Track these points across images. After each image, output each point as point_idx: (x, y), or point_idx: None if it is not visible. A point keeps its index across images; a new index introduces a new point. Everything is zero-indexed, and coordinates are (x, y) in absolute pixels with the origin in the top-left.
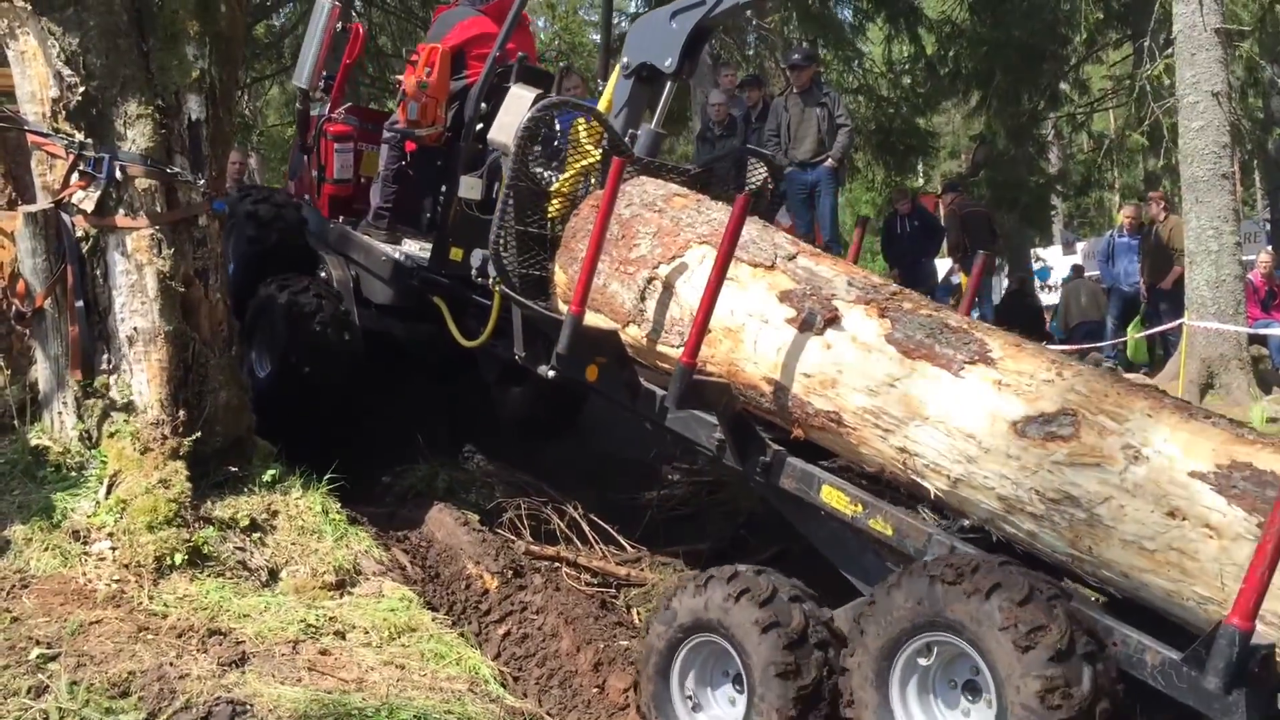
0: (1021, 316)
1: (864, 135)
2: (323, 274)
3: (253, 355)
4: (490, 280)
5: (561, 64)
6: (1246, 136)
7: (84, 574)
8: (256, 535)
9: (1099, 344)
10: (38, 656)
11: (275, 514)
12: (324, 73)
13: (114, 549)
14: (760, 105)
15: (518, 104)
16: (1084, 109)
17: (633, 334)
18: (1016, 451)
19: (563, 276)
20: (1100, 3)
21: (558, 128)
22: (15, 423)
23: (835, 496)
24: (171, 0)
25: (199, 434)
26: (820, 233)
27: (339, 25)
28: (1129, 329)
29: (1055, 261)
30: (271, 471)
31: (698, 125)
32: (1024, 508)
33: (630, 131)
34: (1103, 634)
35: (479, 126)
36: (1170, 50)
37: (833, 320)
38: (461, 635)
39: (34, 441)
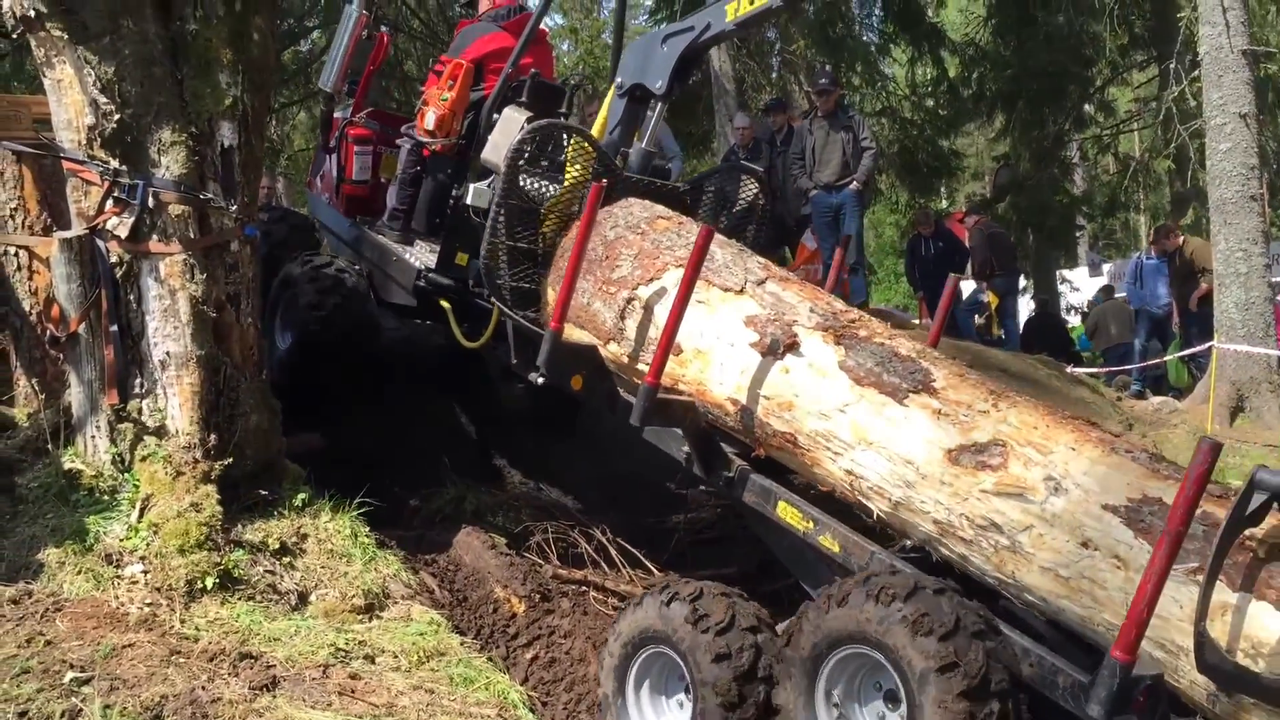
0: (1049, 337)
1: (888, 158)
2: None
3: (275, 330)
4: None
5: (571, 83)
6: (1274, 158)
7: (116, 597)
8: (286, 559)
9: (1127, 367)
10: (71, 680)
11: (305, 537)
12: (348, 77)
13: (146, 572)
14: (785, 129)
15: (509, 125)
16: (1109, 131)
17: (614, 351)
18: (949, 479)
19: (551, 293)
20: (1125, 25)
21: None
22: (49, 446)
23: (790, 513)
24: (205, 29)
25: (230, 457)
26: (845, 255)
27: (365, 33)
28: (1170, 349)
29: (1081, 283)
30: (301, 495)
31: (721, 149)
32: (955, 532)
33: (622, 150)
34: (1020, 666)
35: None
36: (1196, 72)
37: (792, 346)
38: (490, 660)
39: (67, 465)
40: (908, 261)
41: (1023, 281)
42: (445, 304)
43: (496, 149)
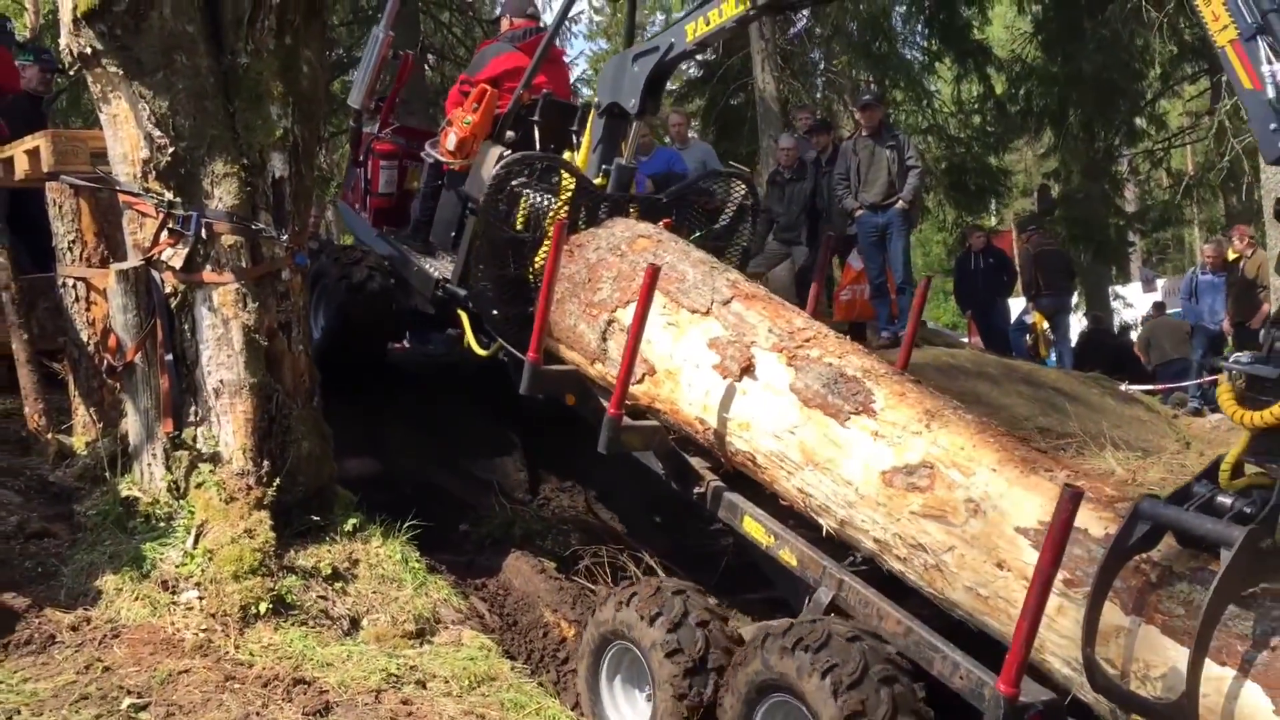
0: (1103, 355)
1: (935, 175)
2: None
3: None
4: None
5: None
6: None
7: (172, 623)
8: (338, 584)
9: (1183, 384)
10: (129, 706)
11: (356, 562)
12: (375, 95)
13: (201, 598)
14: (830, 149)
15: (487, 160)
16: (1161, 145)
17: (599, 370)
18: (884, 499)
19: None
20: (1174, 38)
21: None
22: (107, 474)
23: (754, 527)
24: (256, 62)
25: (282, 484)
26: (892, 274)
27: (390, 54)
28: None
29: (1135, 299)
30: (352, 520)
31: (766, 169)
32: (892, 550)
33: (604, 167)
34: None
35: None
36: None
37: (748, 369)
38: (540, 684)
39: (125, 493)
40: (956, 279)
41: (1075, 298)
42: (462, 314)
43: (476, 184)
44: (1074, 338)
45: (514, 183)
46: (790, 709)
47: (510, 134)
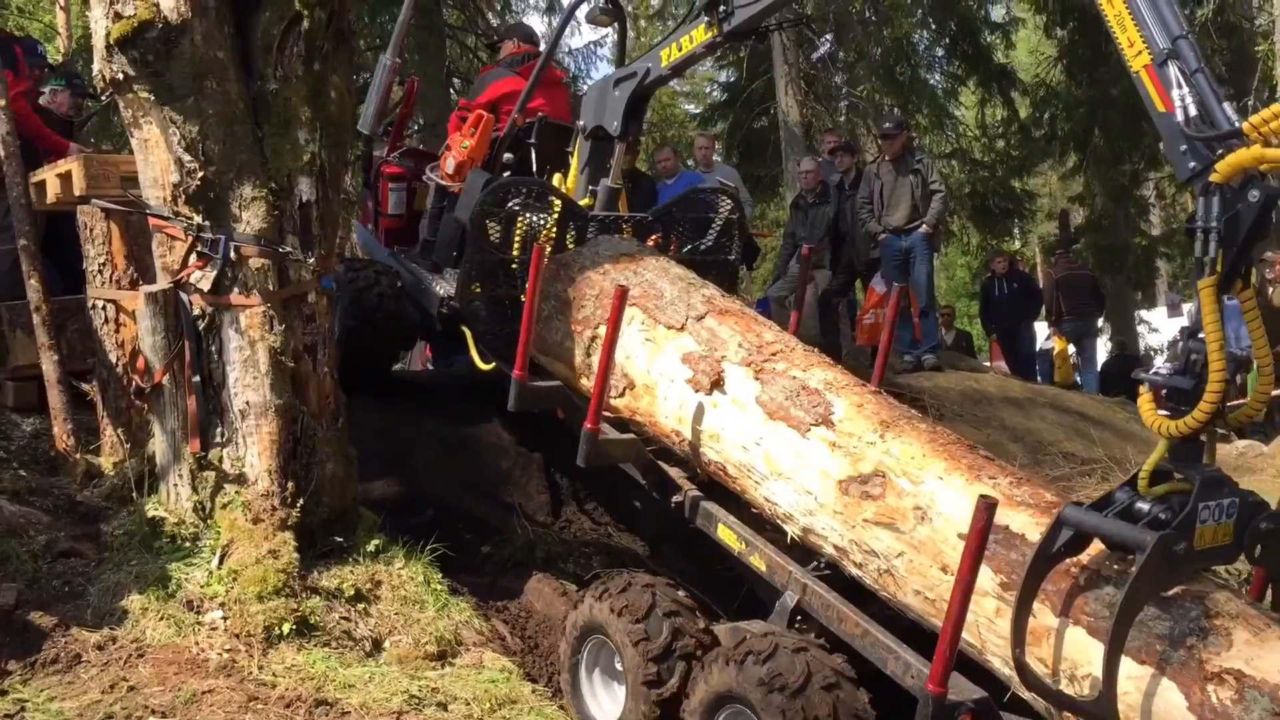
0: (1129, 380)
1: (958, 199)
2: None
3: None
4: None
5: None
6: None
7: (197, 643)
8: (361, 605)
9: None
10: None
11: (379, 584)
12: (384, 120)
13: (225, 619)
14: (853, 172)
15: (471, 187)
16: None
17: (585, 385)
18: (841, 508)
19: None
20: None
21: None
22: (134, 495)
23: (727, 535)
24: (284, 88)
25: (307, 505)
26: (916, 299)
27: (397, 79)
28: (1249, 386)
29: (1160, 324)
30: (375, 542)
31: (789, 193)
32: (849, 556)
33: (591, 188)
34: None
35: (506, 174)
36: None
37: (718, 382)
38: (561, 708)
39: (151, 513)
40: (981, 304)
41: (1100, 323)
42: (466, 330)
43: (464, 209)
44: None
45: (511, 204)
46: (744, 718)
47: (508, 156)
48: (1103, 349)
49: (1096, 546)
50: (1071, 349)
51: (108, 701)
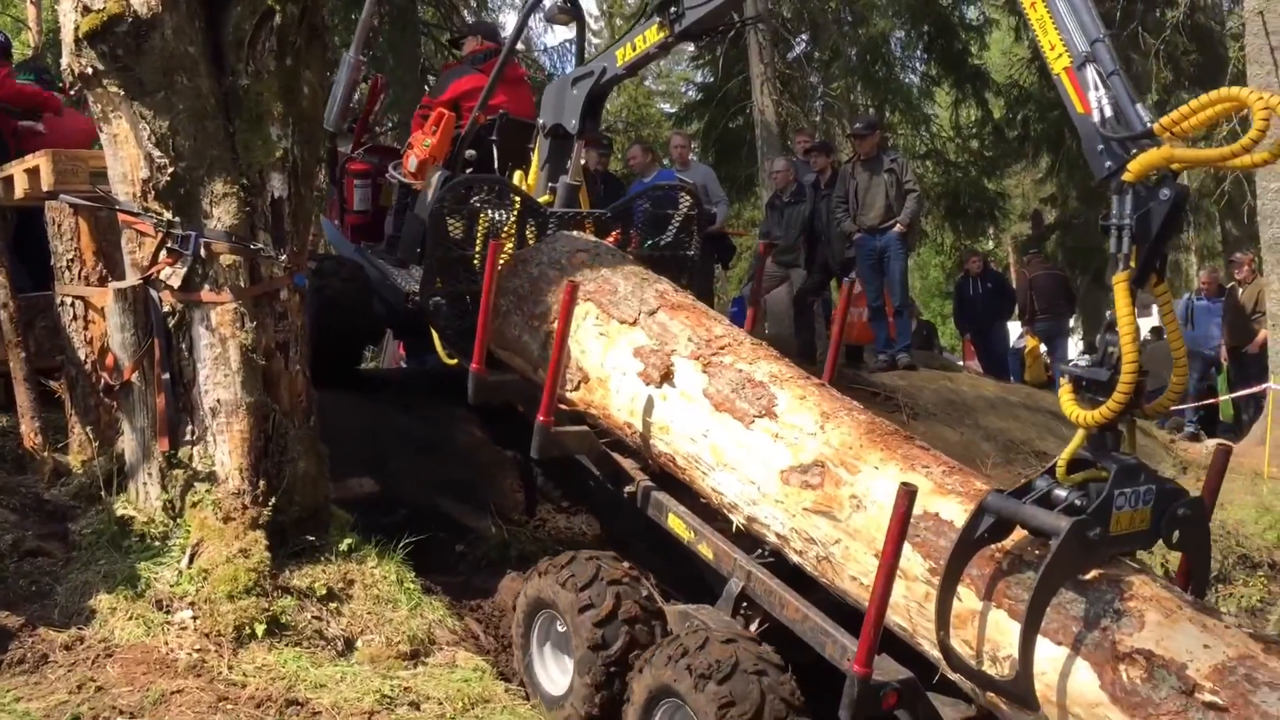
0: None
1: (933, 199)
2: None
3: None
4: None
5: (601, 139)
6: None
7: (166, 643)
8: (333, 604)
9: (1180, 408)
10: None
11: (351, 583)
12: (348, 117)
13: (195, 618)
14: (829, 172)
15: (433, 184)
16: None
17: (542, 378)
18: (782, 497)
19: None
20: (1171, 64)
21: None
22: (102, 493)
23: (677, 524)
24: (256, 83)
25: (278, 504)
26: (890, 298)
27: (361, 77)
28: (1219, 386)
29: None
30: (348, 541)
31: (765, 192)
32: (790, 544)
33: (550, 185)
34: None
35: (467, 171)
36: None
37: (668, 376)
38: (534, 707)
39: (120, 512)
40: (955, 303)
41: (1072, 323)
42: (432, 325)
43: (425, 207)
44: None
45: (471, 200)
46: (683, 712)
47: (470, 153)
48: (1074, 348)
49: (1020, 533)
50: (1043, 348)
51: (75, 702)
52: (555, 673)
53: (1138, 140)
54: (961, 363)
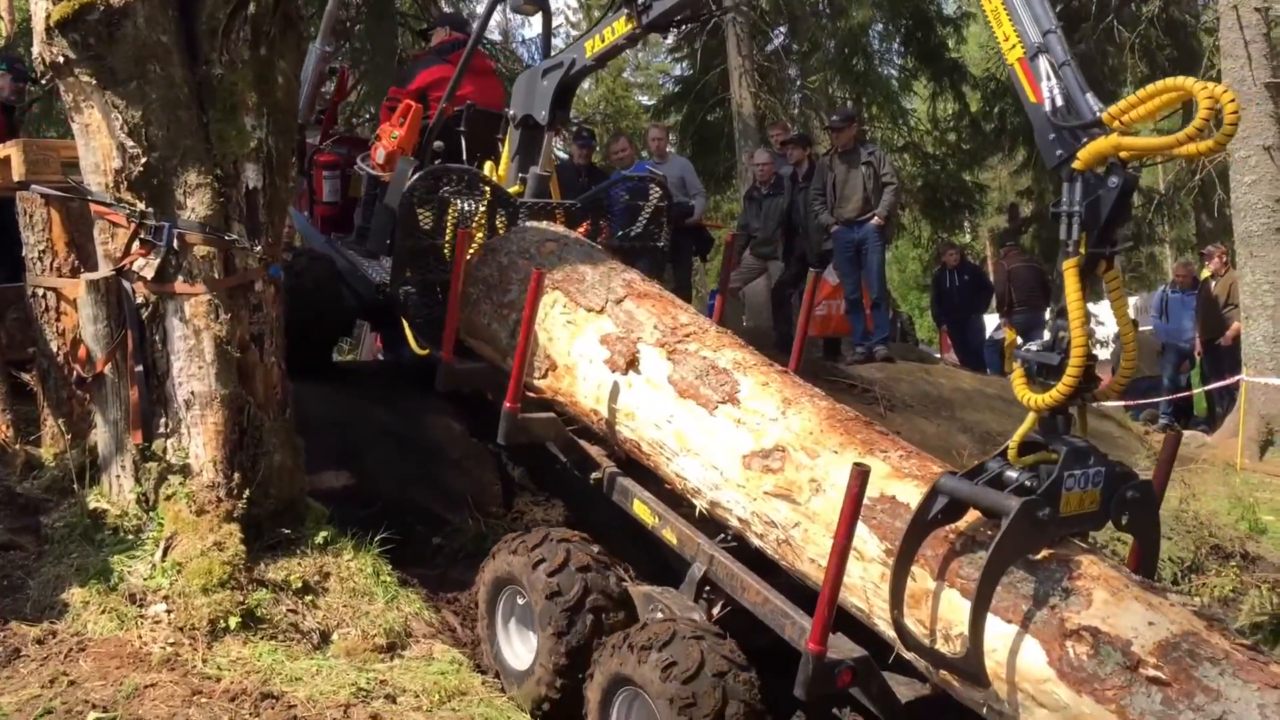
0: None
1: (910, 192)
2: None
3: None
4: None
5: (584, 132)
6: None
7: (139, 637)
8: (309, 597)
9: (1154, 400)
10: None
11: (327, 576)
12: (315, 108)
13: (169, 611)
14: (806, 164)
15: (400, 176)
16: (1133, 164)
17: (509, 365)
18: (744, 481)
19: (460, 314)
20: (1146, 58)
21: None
22: (75, 486)
23: (642, 509)
24: (230, 73)
25: (253, 496)
26: (868, 290)
27: (327, 68)
28: (1193, 378)
29: (1106, 316)
30: (324, 533)
31: (743, 185)
32: (751, 528)
33: (520, 176)
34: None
35: (437, 161)
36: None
37: (633, 363)
38: (511, 699)
39: (93, 505)
40: (932, 295)
41: (1048, 315)
42: (403, 315)
43: (394, 196)
44: None
45: (441, 191)
46: (643, 702)
47: (438, 144)
48: None
49: (973, 514)
50: (1020, 340)
51: (47, 696)
52: (519, 647)
53: (1087, 129)
54: (938, 355)
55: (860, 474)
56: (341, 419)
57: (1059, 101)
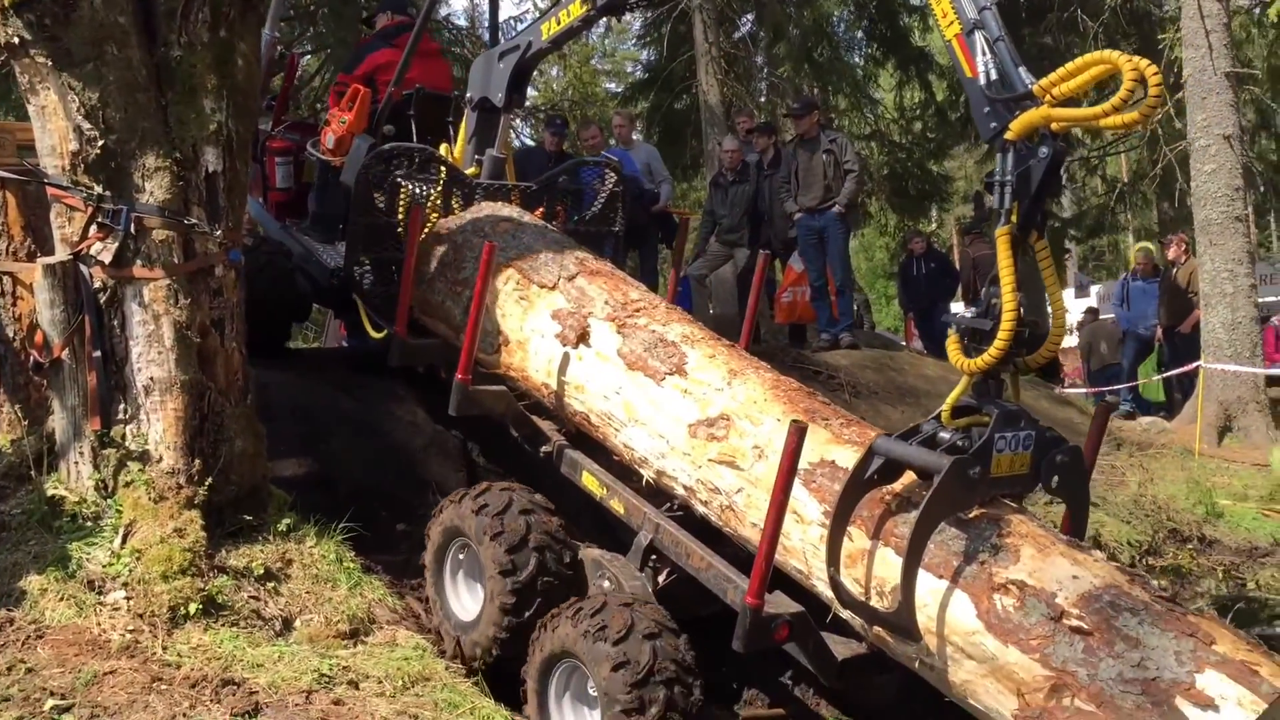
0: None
1: (877, 181)
2: None
3: None
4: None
5: (556, 119)
6: (1259, 179)
7: (98, 624)
8: (271, 584)
9: (1116, 387)
10: (52, 708)
11: (290, 563)
12: (266, 94)
13: (129, 599)
14: (772, 152)
15: (356, 153)
16: (1096, 152)
17: (462, 342)
18: (690, 449)
19: (416, 293)
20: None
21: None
22: (32, 473)
23: (590, 481)
24: (189, 55)
25: (214, 483)
26: (832, 277)
27: (276, 54)
28: (1142, 369)
29: (1069, 304)
30: (286, 520)
31: (710, 172)
32: (696, 495)
33: (476, 157)
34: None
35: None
36: (1180, 94)
37: (584, 336)
38: (475, 684)
39: (50, 492)
40: (899, 283)
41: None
42: (358, 299)
43: (352, 174)
44: None
45: (395, 172)
46: (578, 670)
47: (388, 128)
48: None
49: (910, 478)
50: None
51: (4, 684)
52: (466, 598)
53: (1019, 101)
54: (903, 342)
55: (798, 430)
56: (303, 405)
57: (993, 75)
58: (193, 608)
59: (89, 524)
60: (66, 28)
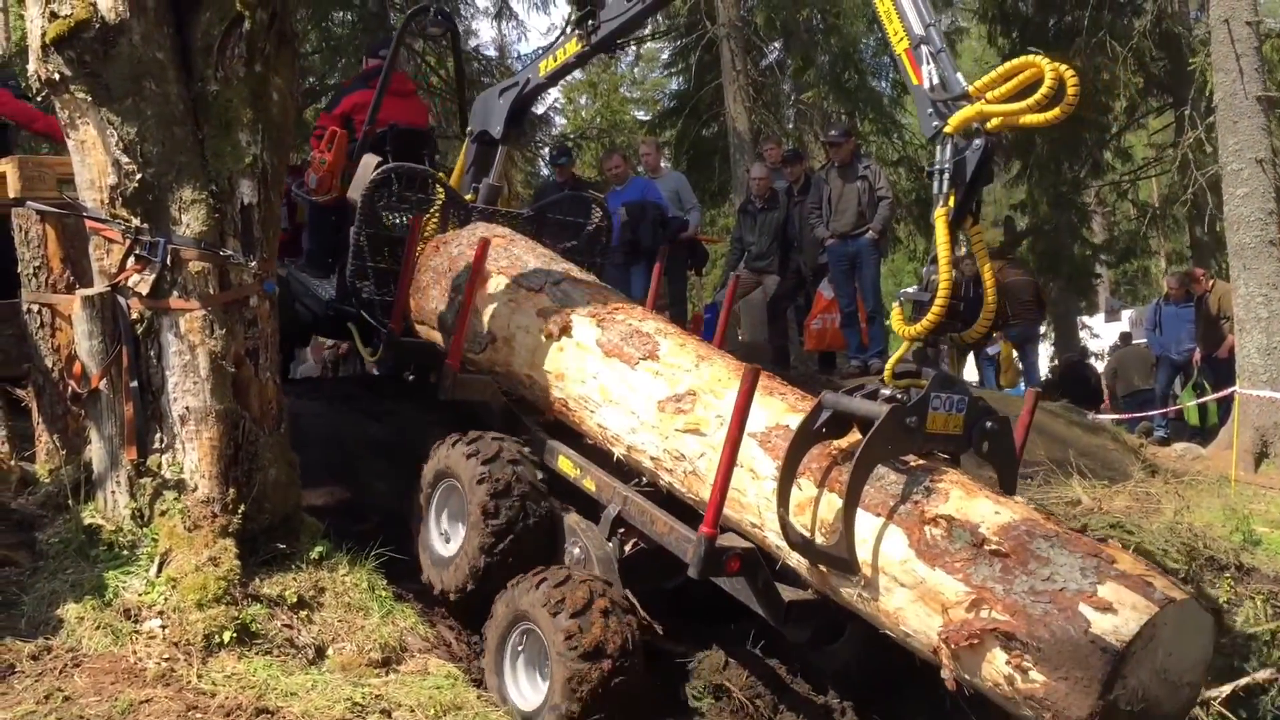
0: (1081, 386)
1: (905, 206)
2: None
3: None
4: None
5: (556, 151)
6: None
7: (134, 652)
8: (304, 612)
9: (1150, 413)
10: None
11: (322, 591)
12: None
13: (164, 627)
14: (802, 179)
15: (364, 169)
16: (1127, 177)
17: (454, 337)
18: (658, 422)
19: (412, 302)
20: (1140, 71)
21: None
22: (70, 502)
23: (566, 464)
24: (225, 89)
25: (248, 511)
26: (864, 303)
27: None
28: (1183, 395)
29: (1101, 329)
30: (319, 548)
31: (738, 200)
32: (663, 465)
33: (474, 185)
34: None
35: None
36: (1212, 118)
37: (566, 329)
38: (507, 713)
39: (87, 520)
40: None
41: (1043, 328)
42: (351, 326)
43: (357, 187)
44: (1043, 367)
45: (391, 200)
46: (532, 635)
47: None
48: (1046, 353)
49: (855, 435)
50: (1016, 353)
51: (42, 712)
52: (449, 536)
53: (957, 101)
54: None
55: (753, 371)
56: (335, 434)
57: (935, 81)
58: (227, 636)
59: (125, 552)
60: (106, 64)
